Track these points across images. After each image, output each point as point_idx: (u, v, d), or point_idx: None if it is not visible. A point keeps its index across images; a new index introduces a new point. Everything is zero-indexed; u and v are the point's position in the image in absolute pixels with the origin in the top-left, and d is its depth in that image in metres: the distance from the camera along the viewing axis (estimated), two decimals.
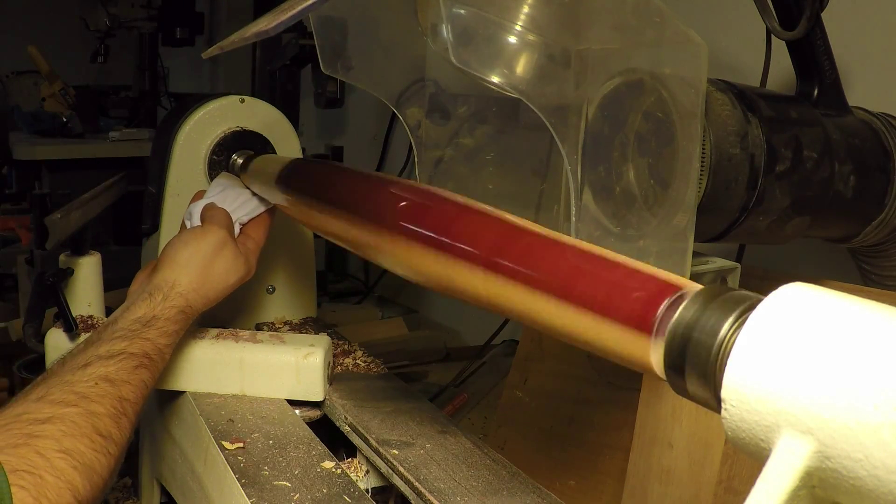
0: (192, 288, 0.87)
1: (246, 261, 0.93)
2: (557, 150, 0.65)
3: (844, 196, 0.86)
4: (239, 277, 0.92)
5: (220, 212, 0.94)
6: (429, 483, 0.73)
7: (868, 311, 0.36)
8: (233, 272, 0.91)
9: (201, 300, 0.88)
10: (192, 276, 0.87)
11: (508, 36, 0.67)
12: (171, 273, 0.87)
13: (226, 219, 0.94)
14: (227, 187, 0.99)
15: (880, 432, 0.33)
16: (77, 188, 1.07)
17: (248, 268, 0.94)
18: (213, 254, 0.89)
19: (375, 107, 2.14)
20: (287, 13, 0.58)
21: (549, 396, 1.09)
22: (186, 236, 0.91)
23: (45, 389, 0.69)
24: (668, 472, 0.83)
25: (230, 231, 0.93)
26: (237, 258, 0.92)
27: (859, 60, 1.02)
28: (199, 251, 0.89)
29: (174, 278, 0.87)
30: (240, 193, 0.98)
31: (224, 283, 0.90)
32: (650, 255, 0.73)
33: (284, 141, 1.08)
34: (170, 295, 0.85)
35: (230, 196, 0.98)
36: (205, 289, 0.88)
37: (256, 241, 0.97)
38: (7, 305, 1.72)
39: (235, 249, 0.92)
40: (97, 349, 0.75)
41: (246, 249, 0.95)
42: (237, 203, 0.97)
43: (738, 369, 0.38)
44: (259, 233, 0.98)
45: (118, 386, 0.72)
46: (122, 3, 2.48)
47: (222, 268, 0.90)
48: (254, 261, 0.96)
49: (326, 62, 0.86)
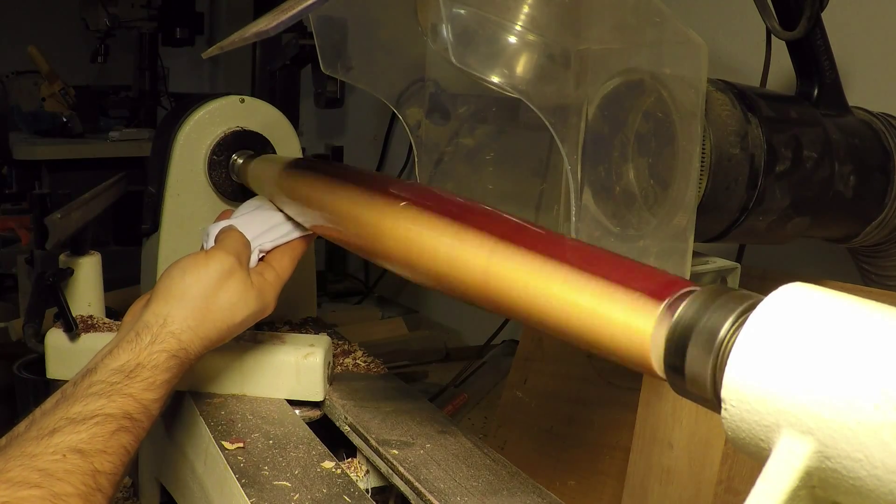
0: (187, 326, 0.73)
1: (260, 295, 0.79)
2: (557, 150, 0.65)
3: (844, 196, 0.86)
4: (249, 314, 0.78)
5: (233, 234, 0.81)
6: (429, 483, 0.73)
7: (868, 311, 0.36)
8: (241, 307, 0.77)
9: (199, 342, 0.74)
10: (187, 312, 0.74)
11: (508, 36, 0.67)
12: (164, 307, 0.74)
13: (238, 243, 0.80)
14: (258, 209, 0.88)
15: (880, 432, 0.33)
16: (77, 188, 1.07)
17: (263, 303, 0.79)
18: (215, 284, 0.75)
19: (375, 107, 2.14)
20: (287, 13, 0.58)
21: (549, 396, 1.09)
22: (185, 262, 0.77)
23: (3, 463, 0.57)
24: (668, 472, 0.83)
25: (241, 258, 0.79)
26: (247, 291, 0.77)
27: (859, 60, 1.02)
28: (198, 281, 0.75)
29: (166, 313, 0.73)
30: (269, 217, 0.86)
31: (228, 321, 0.76)
32: (650, 255, 0.73)
33: (284, 141, 1.08)
34: (160, 335, 0.71)
35: (257, 219, 0.86)
36: (204, 327, 0.74)
37: (278, 272, 0.83)
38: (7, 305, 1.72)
39: (246, 281, 0.78)
40: (68, 409, 0.63)
41: (262, 281, 0.80)
42: (264, 227, 0.85)
43: (738, 369, 0.38)
44: (283, 263, 0.84)
45: (91, 458, 0.60)
46: (122, 3, 2.48)
47: (226, 302, 0.76)
48: (272, 296, 0.81)
49: (326, 62, 0.86)
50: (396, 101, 0.93)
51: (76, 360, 0.91)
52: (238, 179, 1.03)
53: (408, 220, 0.64)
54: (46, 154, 2.26)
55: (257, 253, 0.83)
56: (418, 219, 0.63)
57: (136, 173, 1.25)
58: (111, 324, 0.97)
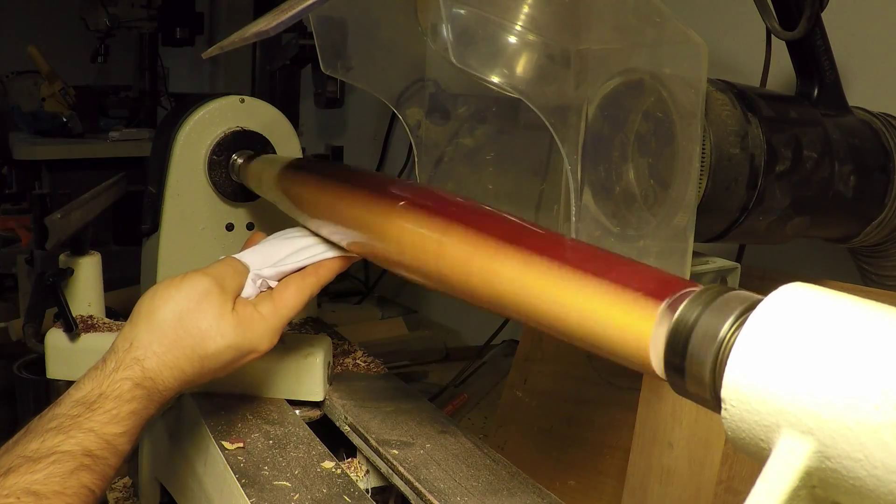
0: (152, 352, 0.65)
1: (242, 326, 0.68)
2: (557, 150, 0.65)
3: (844, 196, 0.86)
4: (225, 346, 0.67)
5: (224, 260, 0.73)
6: (429, 483, 0.73)
7: (868, 311, 0.36)
8: (213, 336, 0.67)
9: (168, 372, 0.65)
10: (153, 336, 0.65)
11: (508, 36, 0.67)
12: (131, 330, 0.66)
13: (224, 266, 0.72)
14: (281, 237, 0.78)
15: (880, 432, 0.33)
16: (77, 188, 1.07)
17: (245, 337, 0.69)
18: (186, 307, 0.67)
19: (375, 107, 2.14)
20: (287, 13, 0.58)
21: (549, 396, 1.09)
22: (161, 283, 0.70)
23: None
24: (668, 472, 0.83)
25: (222, 282, 0.70)
26: (222, 318, 0.67)
27: (859, 60, 1.02)
28: (167, 302, 0.67)
29: (133, 337, 0.66)
30: (289, 245, 0.76)
31: (199, 351, 0.66)
32: (650, 255, 0.73)
33: (284, 141, 1.08)
34: (124, 361, 0.64)
35: (273, 246, 0.76)
36: (172, 355, 0.65)
37: (278, 305, 0.71)
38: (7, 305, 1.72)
39: (223, 307, 0.68)
40: (27, 445, 0.58)
41: (250, 312, 0.69)
42: (277, 256, 0.75)
43: (738, 369, 0.38)
44: (286, 295, 0.72)
45: (46, 500, 0.55)
46: (122, 3, 2.49)
47: (195, 328, 0.66)
48: (262, 330, 0.70)
49: (326, 62, 0.86)
50: (396, 101, 0.93)
51: (76, 360, 0.91)
52: (238, 179, 1.03)
53: (408, 215, 0.63)
54: (46, 154, 2.26)
55: (257, 282, 0.73)
56: (419, 215, 0.63)
57: (136, 173, 1.25)
58: (111, 324, 0.97)
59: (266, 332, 0.70)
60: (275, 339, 0.71)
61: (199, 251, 1.05)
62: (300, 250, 0.75)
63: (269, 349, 0.71)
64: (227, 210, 1.05)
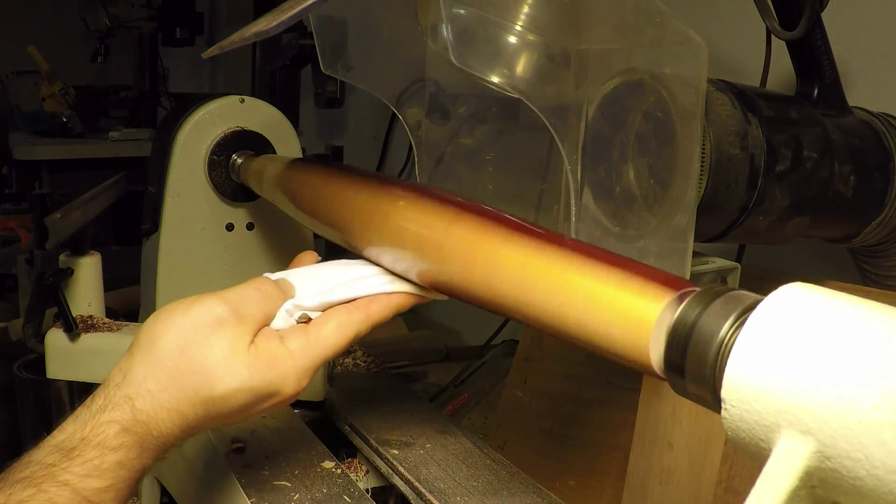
0: (146, 389, 0.53)
1: (262, 364, 0.55)
2: (557, 150, 0.65)
3: (844, 196, 0.86)
4: (238, 387, 0.54)
5: (253, 282, 0.59)
6: (429, 483, 0.73)
7: (868, 311, 0.36)
8: (221, 375, 0.54)
9: (165, 414, 0.53)
10: (149, 370, 0.53)
11: (508, 36, 0.67)
12: (127, 360, 0.55)
13: (248, 291, 0.58)
14: (339, 264, 0.65)
15: (880, 432, 0.33)
16: (77, 188, 1.07)
17: (266, 378, 0.55)
18: (192, 337, 0.54)
19: (375, 107, 2.14)
20: (287, 13, 0.58)
21: (549, 396, 1.09)
22: (166, 307, 0.57)
23: None
24: (668, 472, 0.83)
25: (242, 309, 0.56)
26: (236, 354, 0.54)
27: (859, 60, 1.02)
28: (169, 329, 0.55)
29: (127, 369, 0.54)
30: (344, 271, 0.62)
31: (203, 392, 0.53)
32: (650, 255, 0.73)
33: (284, 141, 1.08)
34: (113, 399, 0.53)
35: (325, 270, 0.63)
36: (169, 394, 0.53)
37: (312, 341, 0.57)
38: (7, 305, 1.72)
39: (240, 340, 0.55)
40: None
41: (274, 348, 0.56)
42: (326, 284, 0.61)
43: (738, 369, 0.38)
44: (327, 333, 0.58)
45: None
46: (122, 3, 2.49)
47: (200, 363, 0.53)
48: (287, 369, 0.55)
49: (326, 62, 0.86)
50: (396, 101, 0.93)
51: (76, 360, 0.91)
52: (238, 179, 1.03)
53: (413, 204, 0.62)
54: (46, 154, 2.26)
55: (294, 314, 0.59)
56: (423, 203, 0.61)
57: (136, 173, 1.25)
58: (111, 324, 0.97)
59: (292, 373, 0.56)
60: (304, 381, 0.57)
61: (199, 251, 1.05)
62: (356, 280, 0.61)
63: (296, 394, 0.57)
64: (227, 210, 1.05)
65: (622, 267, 0.47)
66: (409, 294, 0.61)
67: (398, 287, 0.61)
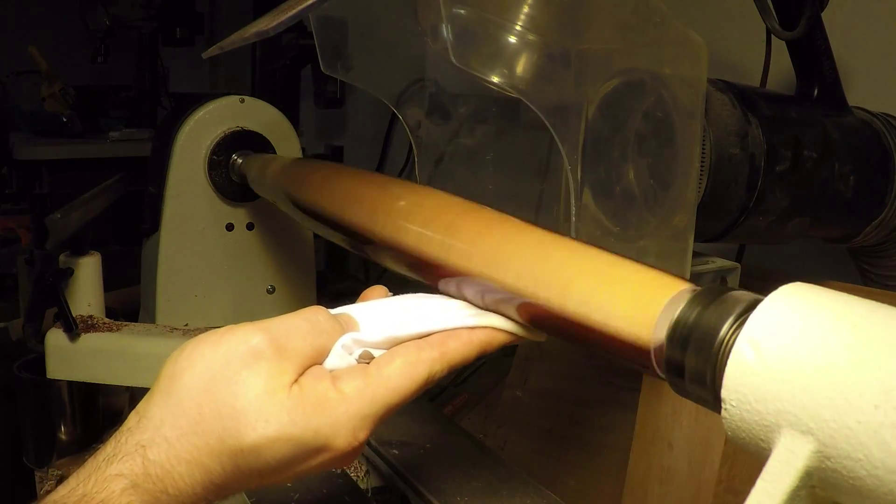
0: (163, 437, 0.44)
1: (304, 408, 0.44)
2: (557, 150, 0.65)
3: (844, 196, 0.86)
4: (273, 436, 0.44)
5: (305, 311, 0.50)
6: (429, 483, 0.73)
7: (868, 310, 0.36)
8: (255, 420, 0.44)
9: (185, 467, 0.44)
10: (168, 412, 0.44)
11: (508, 36, 0.67)
12: (146, 401, 0.46)
13: (296, 321, 0.48)
14: (416, 297, 0.55)
15: (880, 432, 0.33)
16: (77, 188, 1.07)
17: (311, 426, 0.44)
18: (221, 375, 0.45)
19: (375, 107, 2.14)
20: (287, 13, 0.58)
21: (549, 396, 1.09)
22: (196, 338, 0.47)
23: None
24: (668, 472, 0.83)
25: (284, 343, 0.46)
26: (272, 395, 0.44)
27: (859, 60, 1.02)
28: (196, 362, 0.45)
29: (143, 411, 0.46)
30: (420, 305, 0.53)
31: (231, 441, 0.44)
32: (650, 255, 0.73)
33: (284, 141, 1.08)
34: (124, 447, 0.44)
35: (397, 303, 0.54)
36: (189, 443, 0.44)
37: (373, 385, 0.47)
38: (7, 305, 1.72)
39: (276, 379, 0.45)
40: None
41: (323, 390, 0.45)
42: (397, 319, 0.51)
43: (738, 369, 0.38)
44: (391, 373, 0.47)
45: None
46: (122, 3, 2.49)
47: (229, 405, 0.44)
48: (338, 415, 0.45)
49: (326, 62, 0.86)
50: (396, 101, 0.93)
51: (76, 360, 0.91)
52: (238, 179, 1.03)
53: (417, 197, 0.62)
54: (46, 154, 2.26)
55: (354, 351, 0.49)
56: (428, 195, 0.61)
57: (136, 173, 1.25)
58: (111, 324, 0.97)
59: (345, 421, 0.45)
60: (361, 434, 0.46)
61: (199, 251, 1.05)
62: (434, 314, 0.51)
63: (352, 449, 0.46)
64: (227, 210, 1.06)
65: (621, 268, 0.47)
66: (497, 330, 0.51)
67: (485, 321, 0.51)
